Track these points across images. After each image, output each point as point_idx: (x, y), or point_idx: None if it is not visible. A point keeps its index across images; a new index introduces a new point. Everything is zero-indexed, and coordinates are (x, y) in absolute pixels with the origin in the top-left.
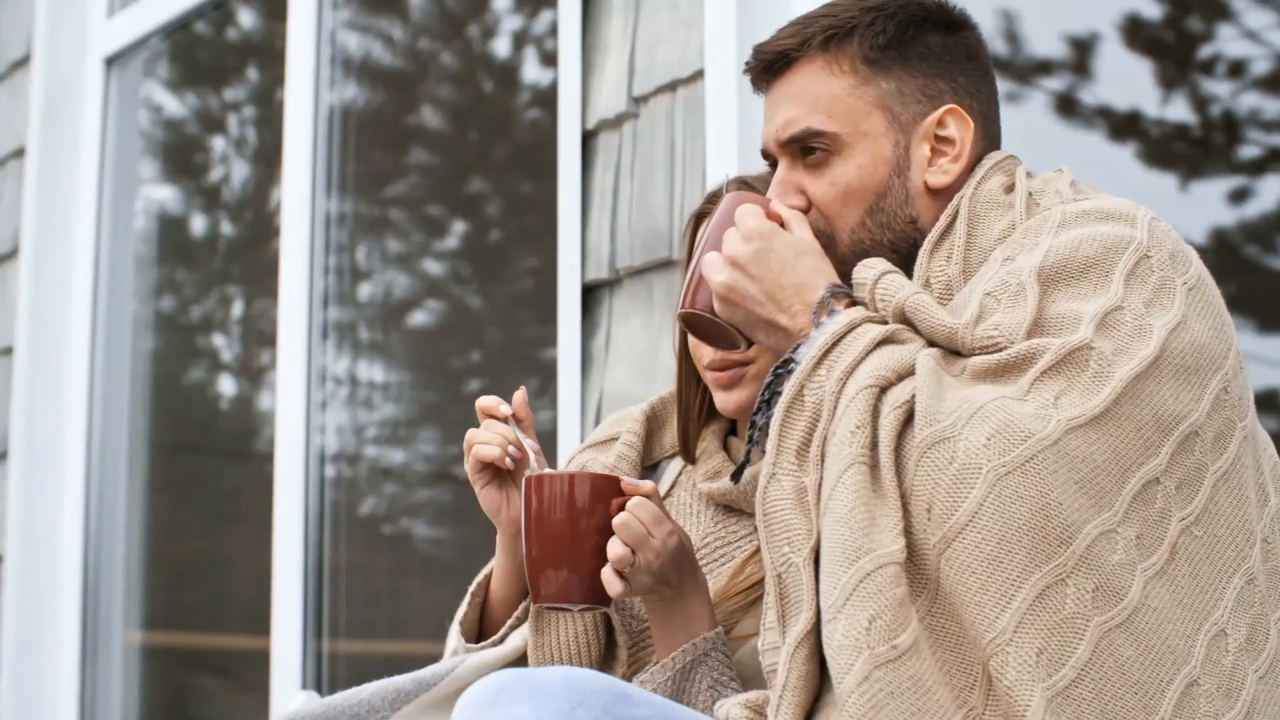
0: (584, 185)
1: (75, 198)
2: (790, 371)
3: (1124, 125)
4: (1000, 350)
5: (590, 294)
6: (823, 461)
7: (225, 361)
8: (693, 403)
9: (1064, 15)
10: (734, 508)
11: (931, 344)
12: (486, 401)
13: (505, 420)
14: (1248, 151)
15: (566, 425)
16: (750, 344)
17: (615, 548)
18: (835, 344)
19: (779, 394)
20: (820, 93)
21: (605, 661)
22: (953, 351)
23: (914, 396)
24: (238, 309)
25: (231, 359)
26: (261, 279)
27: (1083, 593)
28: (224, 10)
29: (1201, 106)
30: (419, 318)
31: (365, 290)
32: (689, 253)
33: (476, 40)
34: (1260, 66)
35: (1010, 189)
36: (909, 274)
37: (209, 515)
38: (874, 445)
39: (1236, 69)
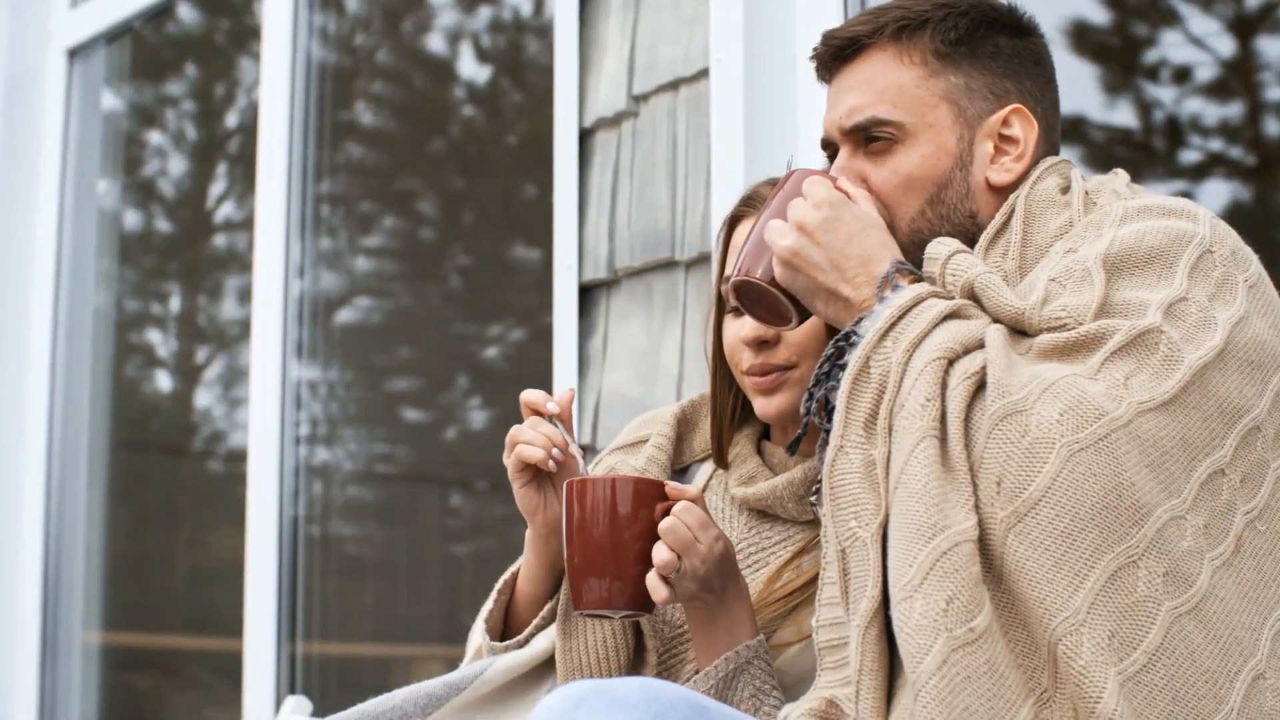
0: (581, 184)
1: (37, 192)
2: (852, 344)
3: (1068, 130)
4: (1067, 330)
5: (587, 294)
6: (891, 434)
7: (161, 358)
8: (726, 406)
9: None
10: (768, 513)
11: (997, 322)
12: (534, 396)
13: (551, 419)
14: (1189, 156)
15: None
16: (802, 319)
17: (661, 553)
18: (901, 316)
19: (839, 367)
20: (889, 82)
21: (634, 666)
22: (1018, 331)
23: (984, 368)
24: (176, 305)
25: (168, 356)
26: (199, 276)
27: (1154, 576)
28: (166, 5)
29: (1145, 112)
30: (346, 315)
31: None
32: (724, 256)
33: (411, 36)
34: (1204, 73)
35: (1066, 189)
36: None
37: (166, 515)
38: (944, 418)
39: (1181, 75)
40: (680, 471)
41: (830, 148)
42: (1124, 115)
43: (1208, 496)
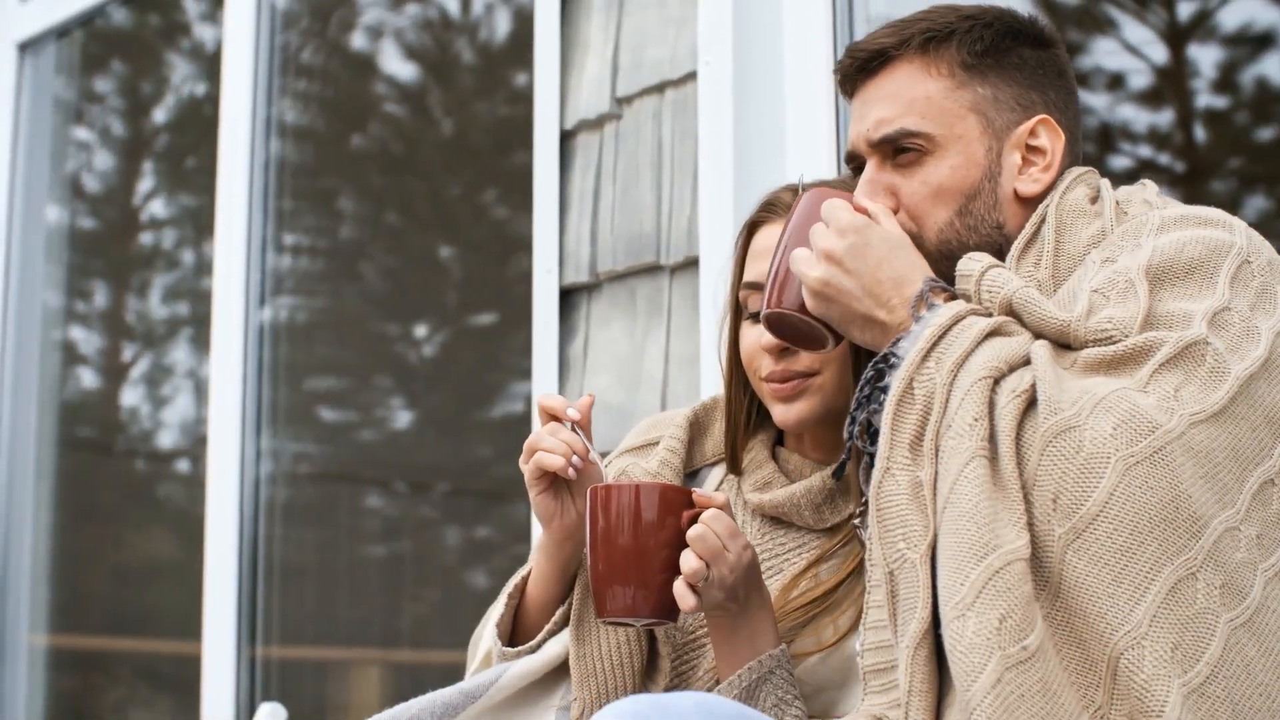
0: (562, 186)
1: None
2: (891, 366)
3: None
4: (1114, 342)
5: (567, 298)
6: (937, 455)
7: (85, 355)
8: (741, 412)
9: (860, 27)
10: (782, 520)
11: (1039, 337)
12: (553, 402)
13: (570, 426)
14: (1120, 163)
15: None
16: (837, 342)
17: (690, 561)
18: (942, 336)
19: (879, 389)
20: (916, 94)
21: (647, 673)
22: (1062, 345)
23: (1033, 385)
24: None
25: (92, 353)
26: (125, 272)
27: (1212, 588)
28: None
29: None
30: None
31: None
32: (742, 261)
33: (336, 32)
34: (1138, 80)
35: (1095, 198)
36: None
37: (94, 514)
38: (992, 437)
39: (1114, 82)
40: (690, 475)
41: (855, 161)
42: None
43: (1259, 507)
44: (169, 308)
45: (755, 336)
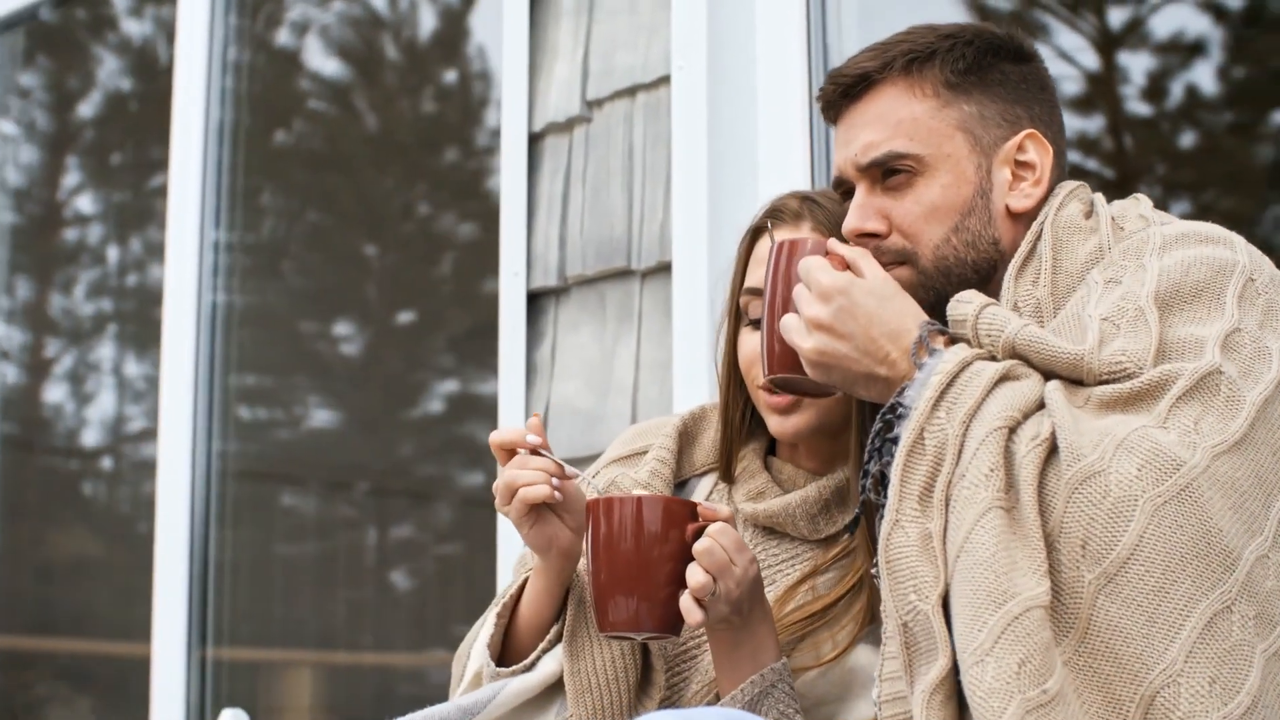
0: (530, 189)
1: None
2: (899, 416)
3: None
4: (1129, 376)
5: (534, 302)
6: (947, 506)
7: (8, 351)
8: (737, 420)
9: (880, 32)
10: (776, 530)
11: (1047, 375)
12: (507, 436)
13: (536, 451)
14: None
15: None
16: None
17: (697, 575)
18: (950, 383)
19: (890, 440)
20: (902, 115)
21: (641, 688)
22: (1073, 380)
23: (1053, 433)
24: (24, 296)
25: (14, 349)
26: (49, 268)
27: (1246, 619)
28: None
29: None
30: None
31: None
32: (743, 267)
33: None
34: (1069, 87)
35: (1089, 214)
36: (991, 295)
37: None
38: (1009, 488)
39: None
40: (679, 485)
41: (843, 186)
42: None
43: None
44: (94, 304)
45: (754, 343)
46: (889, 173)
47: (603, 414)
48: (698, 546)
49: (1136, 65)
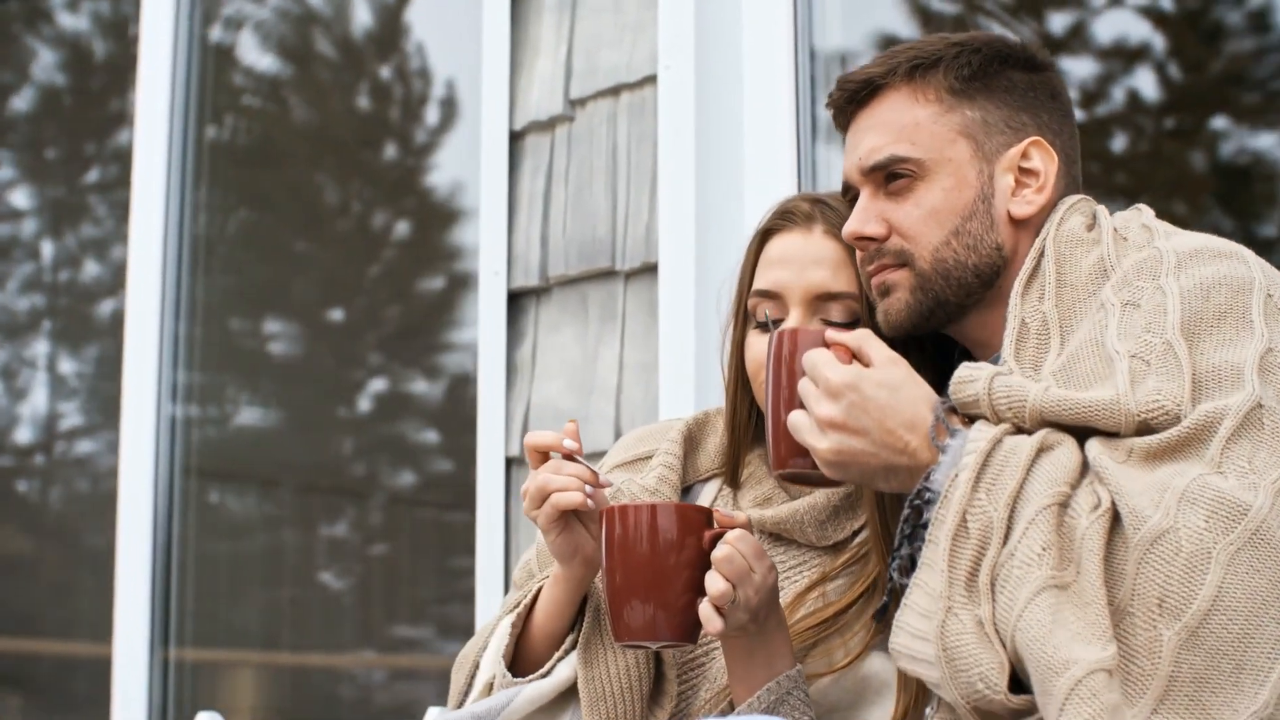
0: (510, 188)
1: None
2: (928, 501)
3: None
4: (1167, 415)
5: (514, 302)
6: (994, 589)
7: None
8: (745, 424)
9: (820, 36)
10: (783, 537)
11: (1082, 431)
12: (544, 439)
13: (571, 457)
14: None
15: (488, 439)
16: None
17: (718, 583)
18: (985, 463)
19: (920, 526)
20: (905, 120)
21: (653, 698)
22: (1109, 431)
23: (1112, 501)
24: None
25: None
26: None
27: None
28: None
29: None
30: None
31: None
32: (752, 269)
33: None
34: None
35: (1091, 226)
36: (992, 301)
37: None
38: (1063, 564)
39: None
40: (684, 491)
41: (850, 191)
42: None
43: None
44: (27, 300)
45: (762, 346)
46: (891, 177)
47: (585, 415)
48: (717, 554)
49: (1079, 71)
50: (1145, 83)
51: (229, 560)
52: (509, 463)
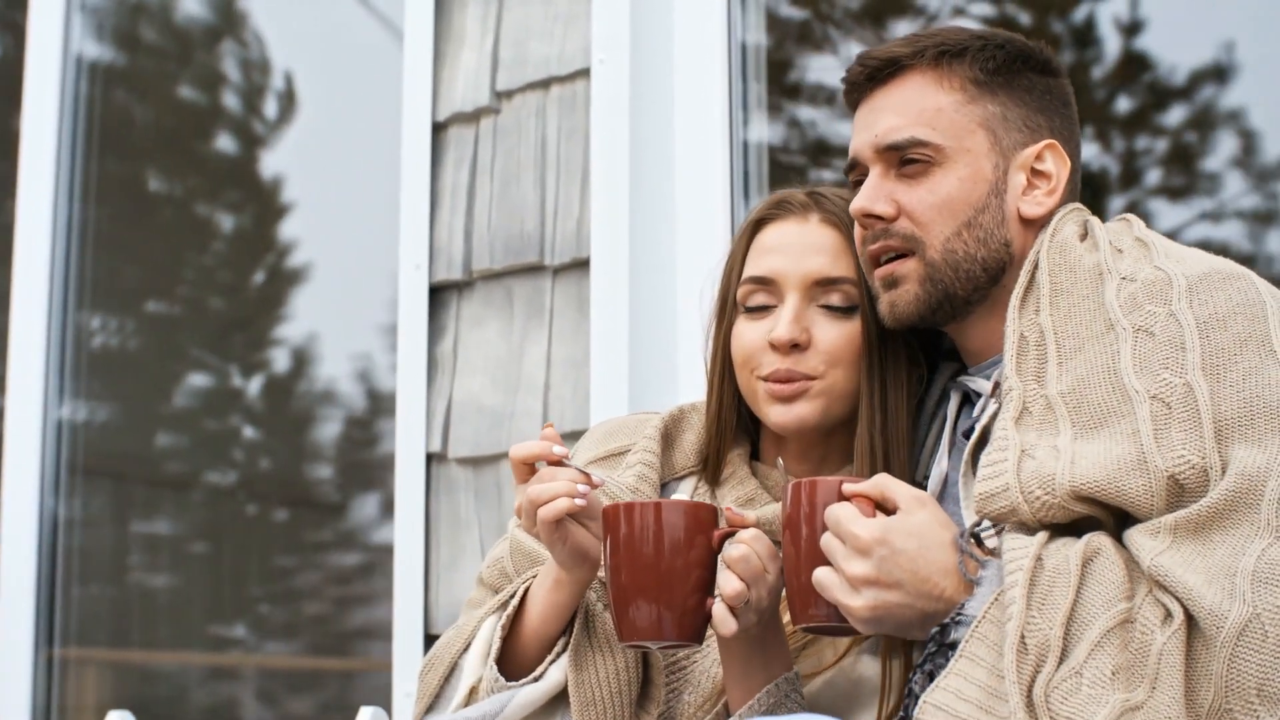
0: (433, 180)
1: None
2: (957, 623)
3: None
4: (1195, 471)
5: (435, 295)
6: (1048, 705)
7: None
8: (730, 419)
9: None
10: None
11: (1122, 511)
12: (531, 449)
13: (560, 463)
14: (829, 176)
15: (408, 434)
16: None
17: (732, 583)
18: (1033, 581)
19: (945, 645)
20: (927, 104)
21: (640, 702)
22: (1143, 497)
23: (1185, 614)
24: None
25: None
26: None
27: None
28: None
29: (799, 131)
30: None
31: None
32: (743, 257)
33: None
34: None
35: (1084, 236)
36: (995, 300)
37: None
38: (1133, 684)
39: (832, 98)
40: (659, 489)
41: (856, 170)
42: (777, 133)
43: None
44: None
45: (756, 332)
46: (906, 160)
47: (511, 412)
48: (732, 553)
49: None
50: None
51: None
52: (429, 459)
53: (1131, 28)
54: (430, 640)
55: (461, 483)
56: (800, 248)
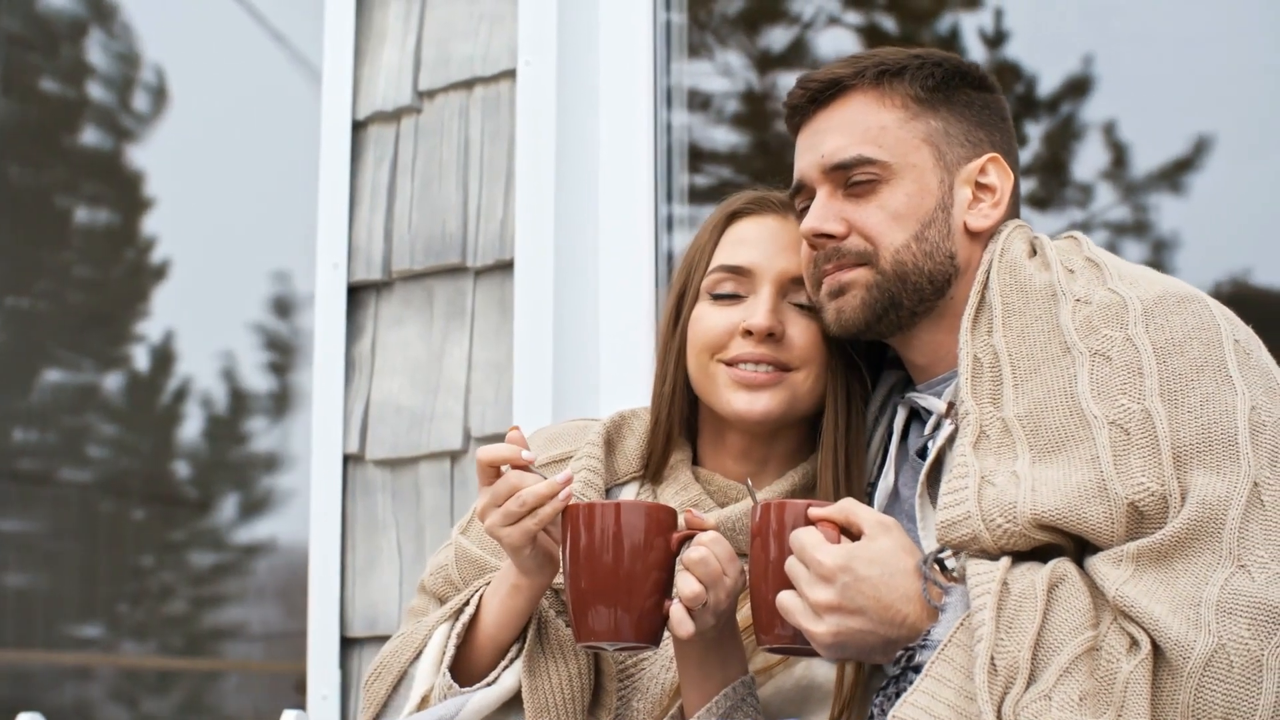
0: (352, 179)
1: None
2: (924, 646)
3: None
4: (1154, 498)
5: (353, 295)
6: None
7: None
8: (678, 412)
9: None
10: None
11: (1083, 539)
12: (501, 452)
13: (527, 468)
14: (700, 181)
15: (325, 434)
16: None
17: (691, 585)
18: (1000, 604)
19: (910, 669)
20: (871, 123)
21: (591, 709)
22: (1102, 523)
23: (1151, 639)
24: None
25: None
26: None
27: None
28: None
29: (669, 137)
30: None
31: None
32: (712, 249)
33: None
34: (729, 105)
35: (1033, 253)
36: (941, 313)
37: None
38: (1099, 709)
39: (705, 103)
40: (604, 495)
41: (802, 192)
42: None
43: None
44: None
45: (723, 318)
46: (854, 179)
47: (431, 413)
48: (691, 555)
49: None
50: None
51: None
52: (346, 460)
53: (996, 39)
54: (346, 644)
55: (379, 484)
56: (777, 244)
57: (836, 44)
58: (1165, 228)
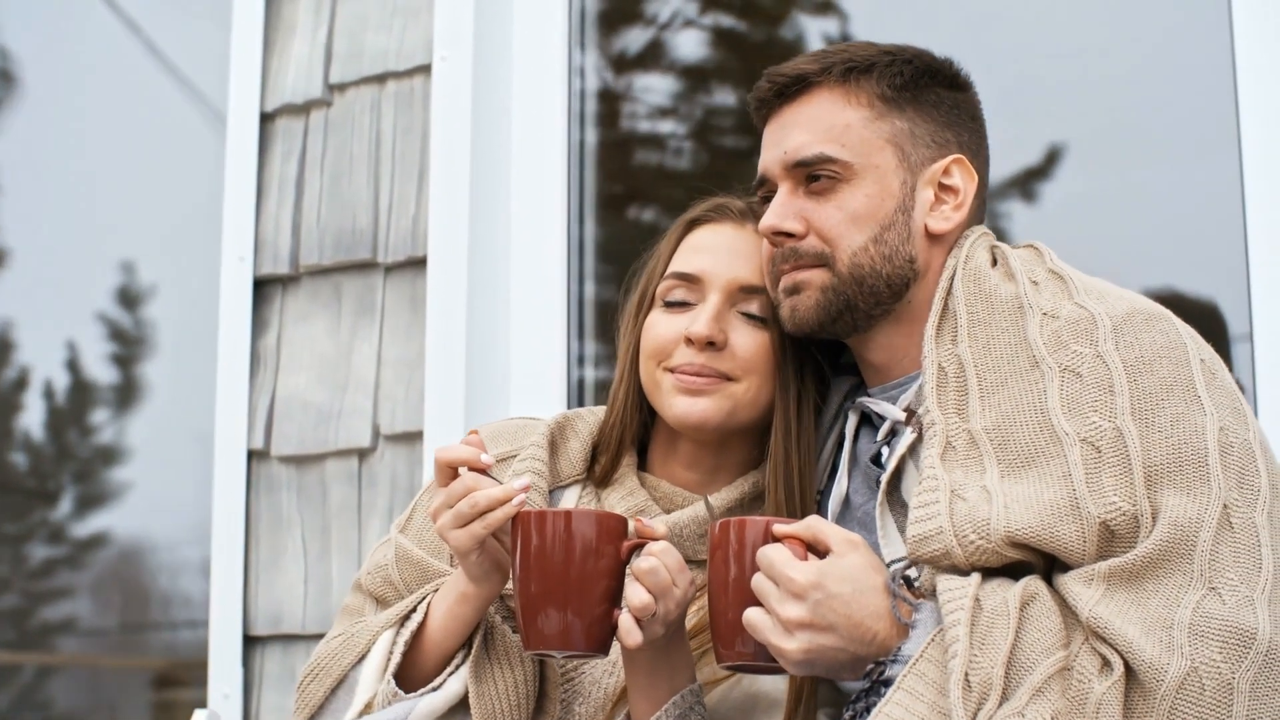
0: (260, 171)
1: None
2: (894, 661)
3: None
4: (1125, 517)
5: (260, 289)
6: None
7: None
8: (633, 411)
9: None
10: None
11: (1051, 555)
12: (460, 453)
13: (485, 471)
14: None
15: (228, 429)
16: None
17: (641, 595)
18: (973, 622)
19: (879, 683)
20: (835, 121)
21: (535, 714)
22: (1074, 541)
23: (1123, 667)
24: None
25: None
26: None
27: None
28: None
29: None
30: None
31: None
32: (670, 254)
33: None
34: (589, 105)
35: (995, 262)
36: (899, 316)
37: None
38: None
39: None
40: (548, 497)
41: (765, 186)
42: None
43: None
44: None
45: (670, 325)
46: (814, 176)
47: (339, 410)
48: (640, 565)
49: (655, 86)
50: (720, 99)
51: None
52: (251, 455)
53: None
54: (250, 641)
55: (284, 481)
56: (730, 252)
57: (692, 47)
58: (1017, 234)
